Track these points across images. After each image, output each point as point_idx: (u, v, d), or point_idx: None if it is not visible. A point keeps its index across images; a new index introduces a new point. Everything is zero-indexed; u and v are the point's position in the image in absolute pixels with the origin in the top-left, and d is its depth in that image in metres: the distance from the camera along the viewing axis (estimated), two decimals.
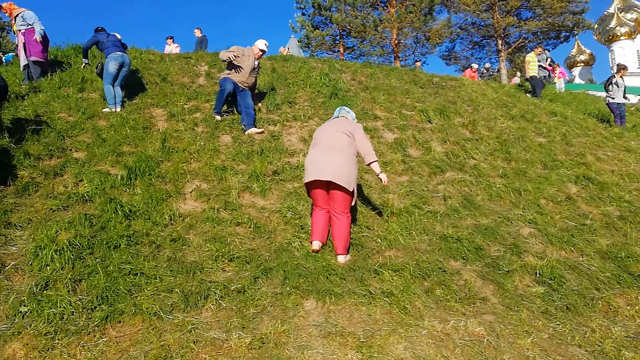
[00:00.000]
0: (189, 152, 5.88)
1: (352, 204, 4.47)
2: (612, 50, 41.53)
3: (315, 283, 3.85)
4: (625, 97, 11.70)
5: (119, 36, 7.67)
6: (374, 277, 4.04)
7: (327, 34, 23.14)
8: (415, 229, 4.87)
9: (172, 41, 15.04)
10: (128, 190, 5.00)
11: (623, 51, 40.85)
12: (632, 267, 4.68)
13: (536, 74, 12.59)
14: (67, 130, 6.01)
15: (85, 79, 7.76)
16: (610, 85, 11.45)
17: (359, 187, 5.61)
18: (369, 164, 4.55)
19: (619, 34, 40.70)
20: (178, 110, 7.06)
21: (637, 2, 42.38)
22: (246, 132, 6.65)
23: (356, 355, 3.10)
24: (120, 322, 3.24)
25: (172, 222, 4.65)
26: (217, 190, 5.26)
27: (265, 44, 7.29)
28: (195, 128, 6.67)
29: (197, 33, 15.38)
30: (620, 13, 41.37)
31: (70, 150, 5.64)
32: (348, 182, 4.29)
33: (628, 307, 4.03)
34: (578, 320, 3.81)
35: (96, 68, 7.44)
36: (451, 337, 3.42)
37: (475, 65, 17.87)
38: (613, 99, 11.34)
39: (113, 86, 7.05)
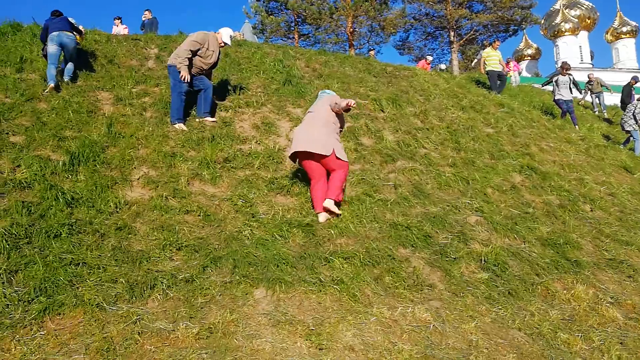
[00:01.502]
0: (136, 138, 5.68)
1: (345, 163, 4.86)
2: (557, 45, 43.27)
3: (265, 271, 3.82)
4: (572, 92, 12.20)
5: (71, 20, 7.43)
6: (325, 265, 4.05)
7: (282, 21, 22.91)
8: (366, 216, 4.91)
9: (120, 22, 14.47)
10: (70, 176, 4.79)
11: (567, 46, 42.64)
12: (569, 253, 4.92)
13: (495, 69, 12.62)
14: (3, 113, 5.66)
15: (24, 59, 7.35)
16: (550, 85, 11.92)
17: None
18: (342, 108, 4.89)
19: (563, 29, 42.40)
20: (125, 94, 6.80)
21: (581, 0, 44.24)
22: (198, 119, 6.47)
23: (305, 343, 3.11)
24: (59, 314, 3.11)
25: (118, 210, 4.49)
26: (165, 177, 5.12)
27: (231, 36, 6.92)
28: (144, 113, 6.45)
29: (147, 15, 14.86)
30: (565, 9, 43.09)
31: (7, 134, 5.33)
32: (324, 148, 4.67)
33: (564, 291, 4.24)
34: (519, 305, 3.97)
35: (42, 50, 7.29)
36: (399, 323, 3.49)
37: (430, 57, 18.15)
38: (561, 95, 11.76)
39: (56, 66, 6.89)
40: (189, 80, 6.21)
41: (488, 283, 4.19)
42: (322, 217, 4.77)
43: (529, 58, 45.13)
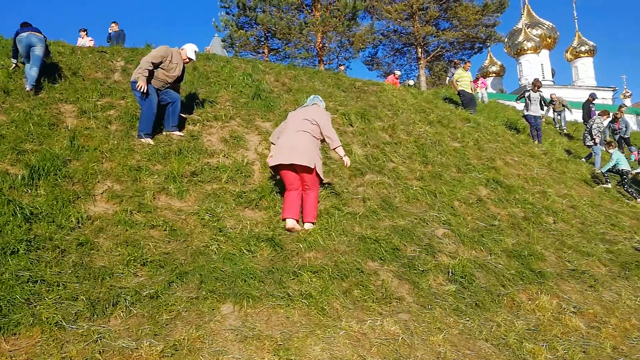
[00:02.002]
0: (100, 151, 5.54)
1: (321, 182, 5.08)
2: (520, 62, 44.70)
3: (232, 286, 3.76)
4: (542, 109, 12.58)
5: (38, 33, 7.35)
6: (293, 279, 4.01)
7: (252, 35, 22.92)
8: (335, 230, 4.90)
9: (86, 34, 14.20)
10: (30, 191, 4.62)
11: (529, 64, 44.11)
12: (533, 264, 5.02)
13: (466, 88, 12.82)
14: None
15: None
16: (523, 99, 12.26)
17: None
18: (333, 149, 5.10)
19: (525, 48, 43.86)
20: (90, 106, 6.65)
21: (542, 20, 45.93)
22: (165, 132, 6.36)
23: (273, 359, 3.06)
24: (15, 334, 2.97)
25: (80, 225, 4.35)
26: (130, 191, 5.00)
27: (196, 52, 6.85)
28: (109, 126, 6.31)
29: (114, 27, 14.61)
30: (527, 29, 44.63)
31: None
32: (309, 161, 4.79)
33: (529, 302, 4.32)
34: (485, 316, 4.02)
35: (12, 66, 7.47)
36: (368, 336, 3.48)
37: (398, 72, 18.43)
38: (531, 111, 12.04)
39: (30, 67, 6.94)
40: (145, 90, 6.03)
41: (455, 295, 4.23)
42: (290, 223, 4.82)
43: (494, 75, 46.43)
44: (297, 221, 4.89)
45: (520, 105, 19.54)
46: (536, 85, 12.47)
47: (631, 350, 3.75)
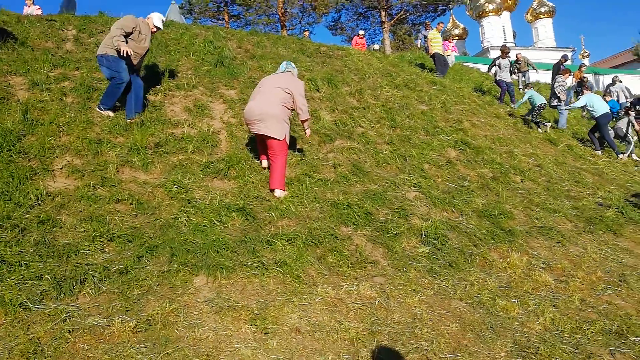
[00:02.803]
0: (57, 125, 5.26)
1: (287, 148, 5.03)
2: (482, 25, 44.89)
3: (205, 258, 3.67)
4: (511, 75, 12.71)
5: None
6: (267, 247, 3.95)
7: (211, 1, 22.13)
8: (307, 197, 4.85)
9: (32, 2, 13.35)
10: None
11: (491, 26, 44.35)
12: (503, 223, 5.10)
13: (440, 51, 12.76)
14: None
15: None
16: (494, 67, 12.32)
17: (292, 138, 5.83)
18: (302, 121, 5.17)
19: (487, 10, 44.00)
20: (42, 78, 6.27)
21: None
22: (128, 120, 5.77)
23: (250, 329, 3.01)
24: None
25: (40, 202, 4.14)
26: (92, 165, 4.78)
27: (163, 20, 6.41)
28: (64, 98, 5.98)
29: None
30: None
31: None
32: (278, 133, 4.81)
33: (501, 260, 4.39)
34: (459, 276, 4.07)
35: None
36: (344, 301, 3.47)
37: (362, 32, 18.14)
38: (502, 77, 12.16)
39: None
40: (131, 54, 5.61)
41: (429, 256, 4.26)
42: (266, 162, 5.22)
43: (457, 38, 46.49)
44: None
45: (484, 68, 19.71)
46: (504, 51, 12.52)
47: (598, 302, 3.87)
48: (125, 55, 5.58)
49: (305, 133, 5.37)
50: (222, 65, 7.98)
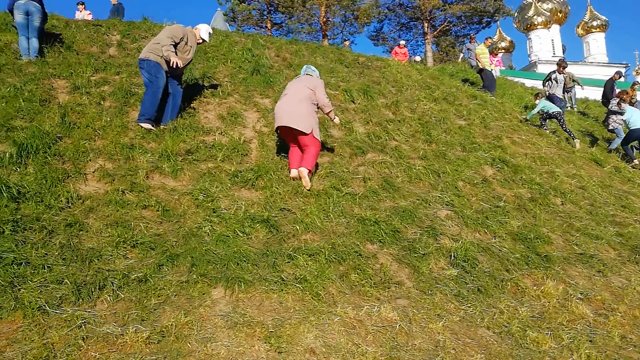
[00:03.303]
0: (92, 129, 5.38)
1: (319, 143, 5.39)
2: (530, 38, 43.81)
3: (224, 270, 3.63)
4: (567, 92, 12.15)
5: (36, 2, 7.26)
6: (288, 262, 3.87)
7: (254, 9, 22.43)
8: (333, 211, 4.74)
9: (84, 7, 13.91)
10: (19, 169, 4.47)
11: (539, 40, 43.22)
12: (539, 247, 4.85)
13: (488, 67, 12.27)
14: None
15: None
16: (549, 81, 11.77)
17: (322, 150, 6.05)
18: (327, 113, 5.65)
19: (536, 22, 42.91)
20: (83, 82, 6.45)
21: None
22: (162, 126, 5.83)
23: (263, 347, 2.94)
24: None
25: (70, 205, 4.21)
26: (123, 170, 4.85)
27: (210, 33, 6.43)
28: (102, 102, 6.12)
29: (113, 0, 14.33)
30: (538, 3, 43.58)
31: None
32: (305, 126, 5.14)
33: (534, 288, 4.16)
34: (488, 302, 3.87)
35: (13, 23, 7.40)
36: (364, 323, 3.35)
37: (402, 42, 17.95)
38: (551, 93, 11.54)
39: (27, 37, 7.04)
40: (180, 66, 5.71)
41: (457, 280, 4.08)
42: (294, 172, 5.22)
43: (503, 51, 45.52)
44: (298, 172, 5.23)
45: (529, 82, 19.13)
46: (561, 66, 11.88)
47: None
48: (174, 67, 5.66)
49: (334, 121, 5.83)
50: (259, 73, 8.01)
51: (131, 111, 6.08)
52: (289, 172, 5.31)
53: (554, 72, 11.87)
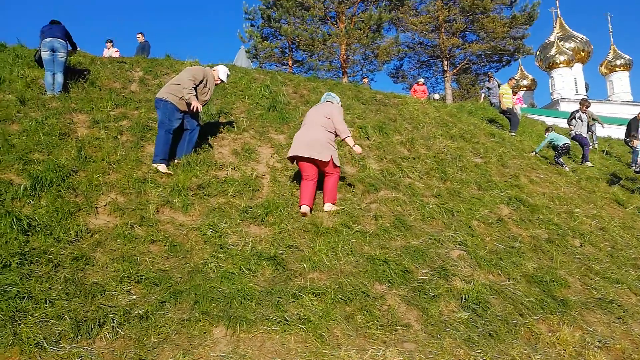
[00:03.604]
0: (107, 162, 5.47)
1: (338, 169, 5.51)
2: (552, 76, 43.66)
3: (227, 308, 3.56)
4: (589, 131, 12.12)
5: (61, 24, 7.78)
6: (293, 302, 3.79)
7: (276, 46, 22.97)
8: (342, 249, 4.67)
9: (112, 45, 14.43)
10: (32, 202, 4.55)
11: (562, 78, 43.03)
12: (556, 291, 4.67)
13: (511, 107, 12.38)
14: None
15: (2, 79, 7.18)
16: (574, 120, 11.75)
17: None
18: (343, 139, 5.57)
19: (558, 61, 42.83)
20: (102, 116, 6.62)
21: (575, 33, 44.87)
22: (176, 160, 5.95)
23: None
24: None
25: (79, 238, 4.24)
26: (134, 204, 4.88)
27: (228, 75, 6.59)
28: (119, 137, 6.24)
29: (140, 38, 14.84)
30: (560, 42, 43.61)
31: None
32: (323, 155, 5.25)
33: (549, 334, 3.98)
34: (500, 348, 3.70)
35: (34, 56, 7.85)
36: None
37: (421, 80, 18.07)
38: (577, 133, 11.60)
39: (53, 73, 7.34)
40: (200, 110, 5.83)
41: (468, 323, 3.93)
42: (304, 208, 5.23)
43: (525, 89, 45.50)
44: (311, 209, 5.33)
45: (550, 120, 18.95)
46: (584, 105, 11.95)
47: None
48: (194, 111, 5.75)
49: (353, 149, 5.66)
50: (275, 109, 8.11)
51: (147, 145, 6.18)
52: (299, 207, 5.29)
53: (577, 111, 11.82)
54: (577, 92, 42.87)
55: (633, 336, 4.20)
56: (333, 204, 5.45)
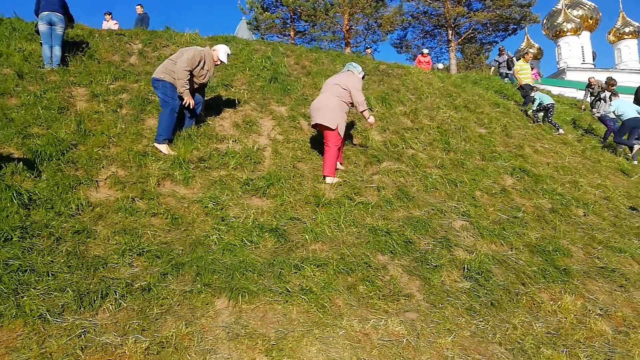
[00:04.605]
0: (107, 136, 5.43)
1: (340, 140, 5.52)
2: (559, 45, 42.97)
3: (229, 280, 3.57)
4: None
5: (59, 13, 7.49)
6: (295, 272, 3.80)
7: (278, 17, 22.56)
8: (344, 221, 4.65)
9: (111, 17, 14.22)
10: (32, 176, 4.53)
11: (569, 46, 42.35)
12: (558, 260, 4.66)
13: (530, 82, 11.55)
14: None
15: (0, 53, 7.09)
16: (599, 101, 11.28)
17: (347, 129, 6.42)
18: (360, 112, 5.66)
19: (565, 29, 42.09)
20: (102, 90, 6.55)
21: (583, 0, 43.90)
22: (182, 130, 5.85)
23: None
24: None
25: (80, 212, 4.23)
26: (134, 177, 4.86)
27: (229, 54, 6.27)
28: (119, 110, 6.19)
29: (139, 10, 14.62)
30: (567, 9, 42.74)
31: None
32: (330, 122, 5.34)
33: (551, 302, 3.98)
34: (501, 317, 3.72)
35: (35, 27, 7.63)
36: (370, 337, 3.24)
37: (425, 51, 17.78)
38: (603, 114, 11.00)
39: (50, 46, 7.22)
40: (192, 107, 5.69)
41: (470, 293, 3.93)
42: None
43: (531, 58, 44.82)
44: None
45: (556, 90, 18.65)
46: (610, 84, 11.36)
47: None
48: (186, 107, 5.64)
49: (369, 120, 5.74)
50: (276, 81, 8.00)
51: (147, 119, 6.13)
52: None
53: (603, 90, 11.24)
54: (584, 60, 42.26)
55: (634, 304, 4.20)
56: (332, 177, 5.48)
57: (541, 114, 10.61)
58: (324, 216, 4.68)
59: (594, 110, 11.46)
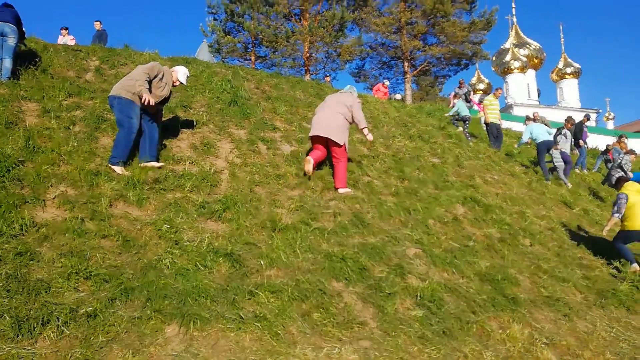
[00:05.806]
0: (58, 153, 5.22)
1: (346, 153, 6.20)
2: (507, 81, 45.11)
3: (181, 306, 3.47)
4: (573, 147, 12.87)
5: (13, 8, 7.25)
6: (249, 299, 3.74)
7: (239, 41, 22.62)
8: (300, 246, 4.64)
9: (67, 32, 13.88)
10: None
11: (516, 83, 44.56)
12: (507, 289, 4.81)
13: (496, 120, 11.86)
14: None
15: None
16: (559, 136, 11.87)
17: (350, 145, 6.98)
18: (361, 129, 6.44)
19: (513, 67, 44.31)
20: (54, 105, 6.32)
21: (529, 40, 46.46)
22: (141, 164, 5.48)
23: None
24: None
25: (23, 232, 4.02)
26: (85, 197, 4.68)
27: (187, 76, 6.23)
28: (71, 127, 5.97)
29: (97, 26, 14.33)
30: (515, 48, 45.08)
31: None
32: (339, 139, 6.03)
33: (500, 331, 4.09)
34: (453, 345, 3.78)
35: None
36: None
37: (387, 82, 18.17)
38: (562, 150, 11.30)
39: (1, 58, 6.88)
40: (153, 104, 5.45)
41: (422, 321, 3.99)
42: (310, 160, 6.09)
43: (481, 92, 46.69)
44: (314, 166, 6.19)
45: (506, 124, 19.44)
46: (570, 122, 12.03)
47: None
48: (145, 104, 5.41)
49: (367, 137, 6.45)
50: (236, 104, 7.99)
51: (101, 137, 5.96)
52: (305, 160, 6.17)
53: (562, 127, 11.86)
54: (529, 97, 44.49)
55: (578, 333, 4.38)
56: (345, 188, 6.09)
57: (460, 126, 12.14)
58: (279, 241, 4.66)
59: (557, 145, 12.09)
